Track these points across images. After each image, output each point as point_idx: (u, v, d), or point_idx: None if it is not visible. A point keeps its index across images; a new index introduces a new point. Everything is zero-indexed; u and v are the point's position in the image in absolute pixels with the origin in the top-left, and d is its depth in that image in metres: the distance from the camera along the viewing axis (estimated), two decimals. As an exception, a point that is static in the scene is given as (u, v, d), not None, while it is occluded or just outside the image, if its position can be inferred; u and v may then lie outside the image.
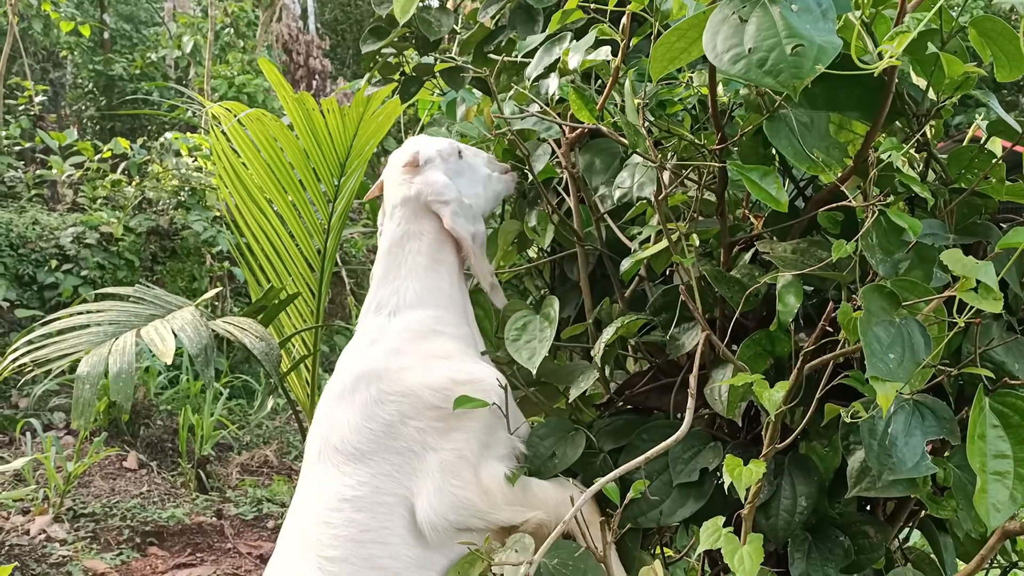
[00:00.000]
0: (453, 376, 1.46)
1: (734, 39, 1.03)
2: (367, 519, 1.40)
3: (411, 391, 1.45)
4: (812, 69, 0.98)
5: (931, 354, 1.10)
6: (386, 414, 1.44)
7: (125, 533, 4.55)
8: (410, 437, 1.43)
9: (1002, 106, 1.27)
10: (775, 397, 1.15)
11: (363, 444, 1.43)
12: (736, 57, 1.02)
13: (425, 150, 1.67)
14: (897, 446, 1.14)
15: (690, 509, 1.44)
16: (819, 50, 0.98)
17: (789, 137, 1.19)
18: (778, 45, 1.00)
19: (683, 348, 1.48)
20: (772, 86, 1.01)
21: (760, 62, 1.00)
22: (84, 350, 2.47)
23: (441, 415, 1.44)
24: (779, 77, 0.99)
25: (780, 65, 0.99)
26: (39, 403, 5.75)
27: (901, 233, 1.16)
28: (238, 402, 6.60)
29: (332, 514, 1.41)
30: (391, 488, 1.42)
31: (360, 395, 1.47)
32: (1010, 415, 1.12)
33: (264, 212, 3.30)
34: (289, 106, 2.77)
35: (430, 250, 1.61)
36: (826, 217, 1.26)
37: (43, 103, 9.93)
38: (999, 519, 1.09)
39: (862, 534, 1.42)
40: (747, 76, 1.01)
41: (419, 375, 1.47)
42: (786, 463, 1.41)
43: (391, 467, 1.42)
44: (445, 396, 1.44)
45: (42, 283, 6.82)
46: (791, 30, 1.00)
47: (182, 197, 7.43)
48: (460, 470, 1.42)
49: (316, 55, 10.89)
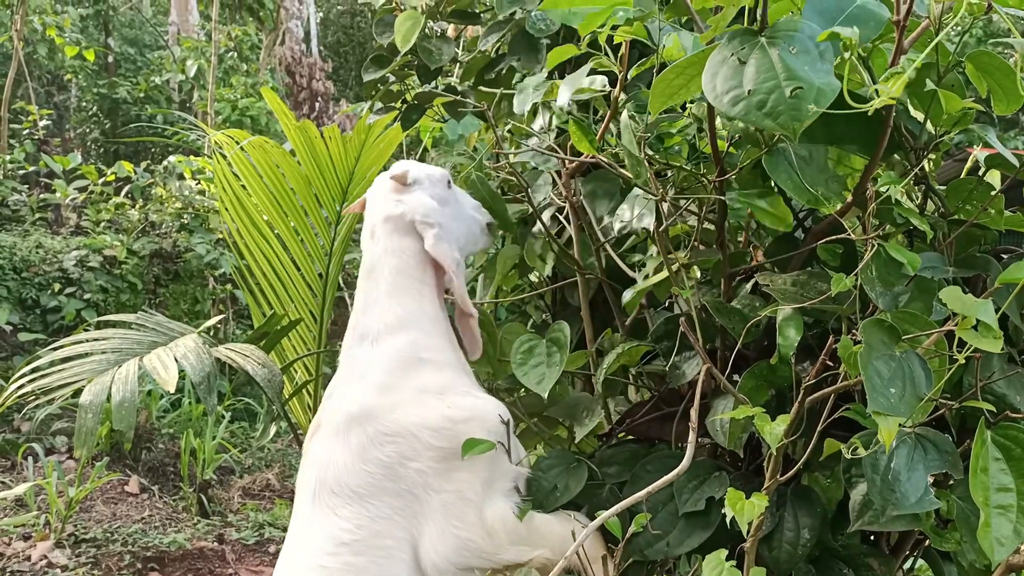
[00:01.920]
0: (451, 415, 1.43)
1: (733, 80, 1.04)
2: (366, 563, 1.37)
3: (408, 432, 1.42)
4: (811, 111, 0.98)
5: (933, 389, 1.10)
6: (384, 456, 1.41)
7: (126, 559, 4.53)
8: (410, 479, 1.40)
9: (1003, 124, 1.28)
10: (776, 431, 1.15)
11: (361, 487, 1.40)
12: (736, 99, 1.02)
13: (415, 171, 1.64)
14: (900, 481, 1.13)
15: (697, 539, 1.43)
16: (818, 92, 0.99)
17: (788, 171, 1.20)
18: (777, 88, 1.00)
19: (684, 377, 1.48)
20: (772, 128, 1.01)
21: (760, 104, 1.01)
22: (87, 379, 2.47)
23: (442, 455, 1.42)
24: (779, 120, 1.00)
25: (779, 107, 1.00)
26: (41, 427, 5.74)
27: (901, 266, 1.16)
28: (240, 425, 6.59)
29: (329, 558, 1.37)
30: (391, 531, 1.39)
31: (355, 436, 1.43)
32: (1012, 448, 1.12)
33: (266, 237, 3.30)
34: (291, 134, 2.79)
35: (410, 269, 1.56)
36: (825, 250, 1.27)
37: (47, 127, 9.99)
38: (1003, 553, 1.08)
39: (866, 566, 1.41)
40: (747, 118, 1.02)
41: (416, 414, 1.43)
42: (789, 495, 1.40)
43: (391, 510, 1.39)
44: (445, 436, 1.42)
45: (45, 306, 6.83)
46: (790, 72, 1.00)
47: (185, 220, 7.46)
48: (463, 512, 1.40)
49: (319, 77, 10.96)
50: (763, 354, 1.47)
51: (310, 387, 3.45)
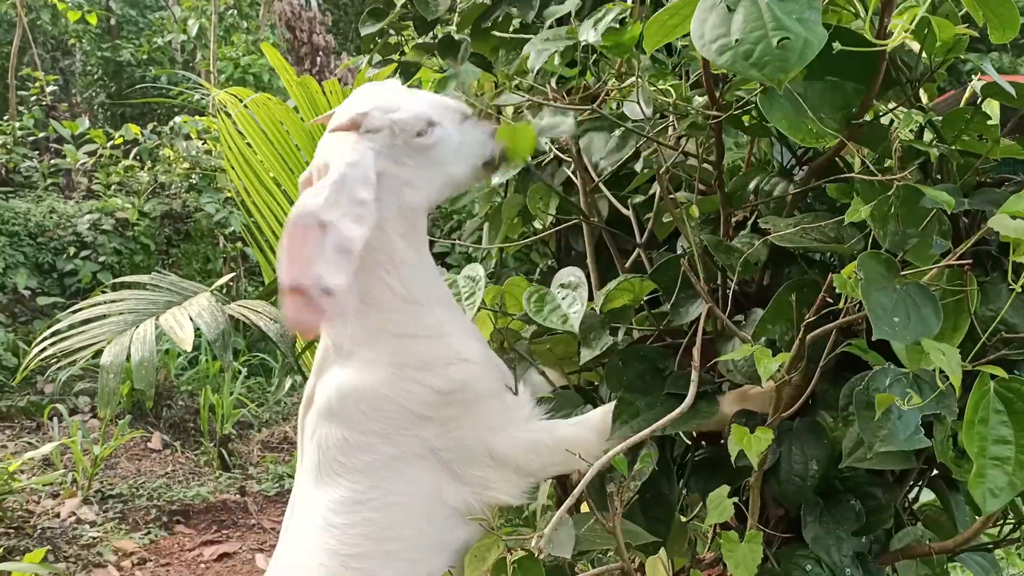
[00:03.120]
0: (439, 387, 1.38)
1: (721, 28, 1.03)
2: (383, 518, 1.36)
3: (401, 407, 1.37)
4: (798, 63, 0.98)
5: (941, 319, 1.10)
6: (379, 428, 1.37)
7: (152, 513, 4.65)
8: (411, 443, 1.38)
9: (1013, 50, 1.26)
10: (771, 367, 1.16)
11: (364, 456, 1.37)
12: (723, 48, 1.02)
13: (376, 116, 1.37)
14: (891, 418, 1.13)
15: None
16: (805, 43, 0.99)
17: (784, 109, 1.19)
18: (764, 37, 1.00)
19: (688, 315, 1.49)
20: (758, 79, 1.01)
21: (746, 54, 1.00)
22: (106, 339, 2.52)
23: (439, 420, 1.39)
24: (764, 70, 0.99)
25: (766, 58, 0.99)
26: (64, 388, 5.85)
27: (919, 202, 1.16)
28: (257, 380, 6.69)
29: (345, 516, 1.36)
30: (403, 488, 1.38)
31: (348, 412, 1.38)
32: (1015, 401, 1.11)
33: (272, 193, 3.33)
34: (293, 89, 2.79)
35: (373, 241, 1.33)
36: (836, 189, 1.27)
37: (54, 92, 9.98)
38: (996, 504, 1.08)
39: (870, 496, 1.43)
40: (733, 68, 1.02)
41: (404, 390, 1.37)
42: (795, 428, 1.41)
43: (396, 471, 1.38)
44: (436, 405, 1.38)
45: (61, 270, 6.91)
46: (778, 22, 1.00)
47: (193, 180, 7.48)
48: (473, 459, 1.39)
49: (319, 32, 10.83)
50: (763, 293, 1.48)
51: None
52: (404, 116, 1.37)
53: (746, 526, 1.33)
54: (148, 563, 4.22)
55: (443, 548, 1.41)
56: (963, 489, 1.58)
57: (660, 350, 1.53)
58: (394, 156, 1.38)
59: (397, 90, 1.45)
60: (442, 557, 1.41)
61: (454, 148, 1.42)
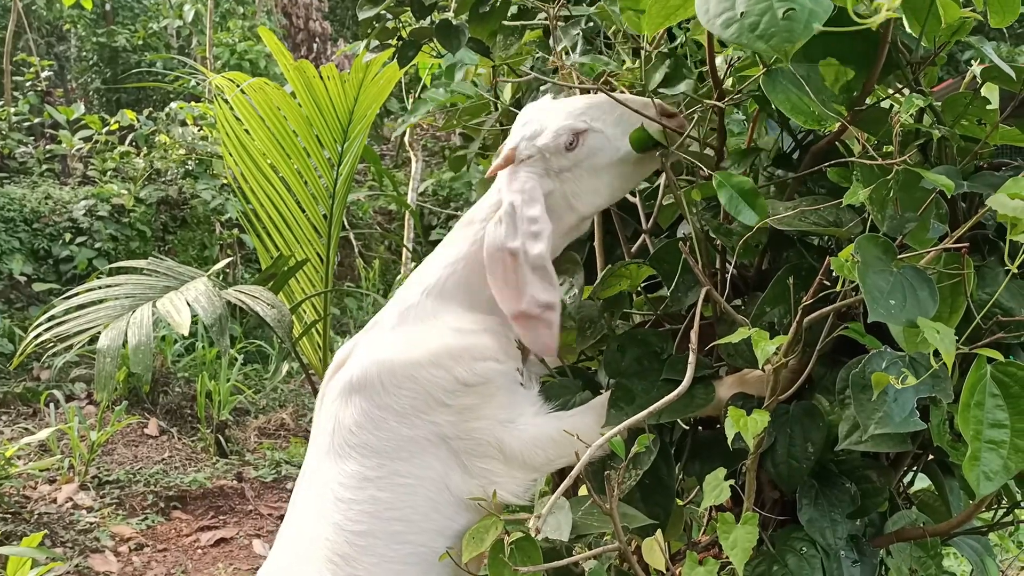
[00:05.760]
0: (463, 378, 1.43)
1: (726, 2, 1.03)
2: (390, 497, 1.40)
3: (424, 390, 1.42)
4: (804, 33, 0.98)
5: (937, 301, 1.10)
6: (398, 407, 1.42)
7: (149, 498, 4.66)
8: (426, 428, 1.42)
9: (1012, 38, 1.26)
10: (768, 349, 1.17)
11: (379, 431, 1.42)
12: (728, 21, 1.02)
13: (523, 147, 1.45)
14: (887, 400, 1.14)
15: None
16: (810, 13, 0.98)
17: (786, 91, 1.19)
18: (769, 9, 1.00)
19: (686, 300, 1.49)
20: (764, 51, 1.01)
21: (752, 26, 1.00)
22: (103, 324, 2.52)
23: (456, 410, 1.43)
24: (771, 41, 0.99)
25: (772, 29, 0.99)
26: (60, 374, 5.85)
27: (919, 184, 1.16)
28: (253, 367, 6.70)
29: (352, 492, 1.40)
30: (412, 471, 1.42)
31: (371, 383, 1.44)
32: (1011, 385, 1.11)
33: (269, 179, 3.32)
34: (290, 74, 2.78)
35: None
36: (836, 172, 1.27)
37: (49, 78, 9.93)
38: (989, 487, 1.09)
39: (865, 479, 1.43)
40: (739, 40, 1.01)
41: (430, 374, 1.43)
42: (792, 411, 1.41)
43: (409, 454, 1.42)
44: (455, 393, 1.42)
45: (57, 256, 6.89)
46: (782, -8, 0.99)
47: (189, 166, 7.46)
48: (484, 452, 1.43)
49: (315, 18, 10.80)
50: (762, 277, 1.49)
51: (319, 327, 3.49)
52: (547, 140, 1.44)
53: (742, 508, 1.33)
54: (145, 548, 4.23)
55: (447, 533, 1.44)
56: (958, 475, 1.58)
57: (658, 333, 1.53)
58: (554, 175, 1.46)
59: (544, 108, 1.51)
60: (446, 542, 1.44)
61: (613, 148, 1.46)
